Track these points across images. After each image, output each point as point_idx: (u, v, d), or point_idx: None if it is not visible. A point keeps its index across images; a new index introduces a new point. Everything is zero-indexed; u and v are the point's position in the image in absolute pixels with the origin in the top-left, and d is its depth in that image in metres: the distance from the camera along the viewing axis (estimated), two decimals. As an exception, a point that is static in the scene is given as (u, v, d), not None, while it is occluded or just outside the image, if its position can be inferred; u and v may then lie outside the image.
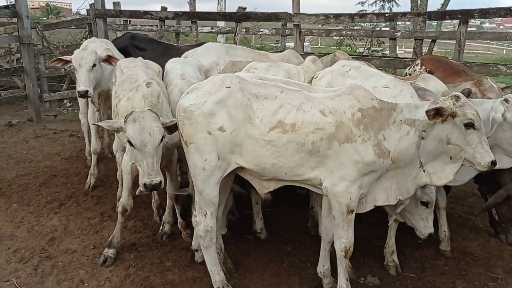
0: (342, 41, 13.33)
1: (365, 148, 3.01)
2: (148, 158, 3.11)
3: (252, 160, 3.21)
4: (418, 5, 14.00)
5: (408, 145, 3.04)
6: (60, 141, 7.75)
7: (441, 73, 4.44)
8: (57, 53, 9.45)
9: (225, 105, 3.14)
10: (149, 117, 3.16)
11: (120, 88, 4.10)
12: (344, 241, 3.24)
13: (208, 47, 5.68)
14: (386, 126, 3.07)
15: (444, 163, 3.07)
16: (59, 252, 4.12)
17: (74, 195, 5.42)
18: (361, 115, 3.06)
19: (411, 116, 3.05)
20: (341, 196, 3.10)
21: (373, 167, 3.05)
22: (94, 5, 8.45)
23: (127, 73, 4.18)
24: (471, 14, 6.40)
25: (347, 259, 3.33)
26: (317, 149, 3.07)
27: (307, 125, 3.07)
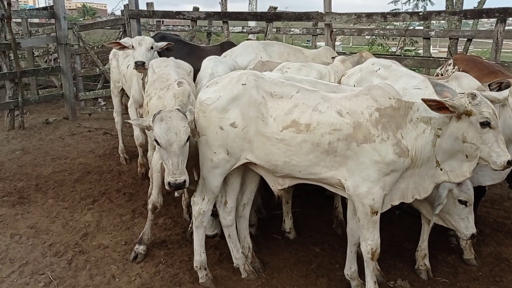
0: (374, 40, 13.13)
1: (384, 148, 2.99)
2: (173, 157, 3.12)
3: (263, 156, 3.24)
4: (453, 3, 13.63)
5: (424, 143, 3.01)
6: (94, 139, 7.95)
7: (476, 73, 4.30)
8: (92, 53, 9.72)
9: (239, 102, 3.20)
10: (176, 117, 3.18)
11: (151, 87, 4.17)
12: (370, 243, 3.21)
13: (245, 46, 5.72)
14: (404, 125, 3.05)
15: (460, 161, 3.01)
16: (92, 247, 4.22)
17: (107, 191, 5.54)
18: (379, 115, 3.04)
19: (427, 114, 3.00)
20: (364, 197, 3.08)
21: (394, 167, 3.02)
22: (128, 6, 8.62)
23: (159, 72, 4.25)
24: (510, 12, 6.20)
25: (374, 261, 3.29)
26: (334, 149, 3.06)
27: (323, 126, 3.07)
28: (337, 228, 4.60)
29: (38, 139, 7.86)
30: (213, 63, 4.80)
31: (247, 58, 5.38)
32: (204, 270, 3.68)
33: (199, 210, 3.56)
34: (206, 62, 4.84)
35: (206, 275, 3.67)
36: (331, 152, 3.08)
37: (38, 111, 10.02)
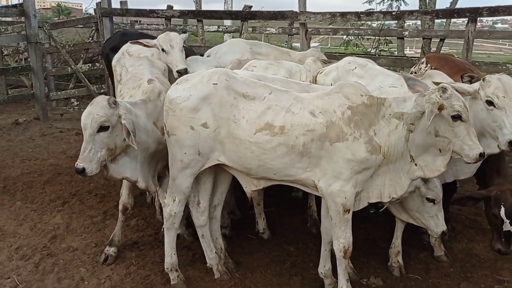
0: (350, 40, 13.23)
1: (357, 146, 2.97)
2: (84, 142, 3.03)
3: (235, 159, 3.19)
4: (426, 3, 13.86)
5: (397, 138, 3.00)
6: (66, 140, 7.78)
7: (448, 71, 4.35)
8: (64, 52, 9.52)
9: (210, 102, 3.13)
10: (100, 104, 3.05)
11: (125, 86, 4.05)
12: (343, 241, 3.20)
13: (232, 44, 5.66)
14: (376, 121, 3.03)
15: (434, 155, 3.00)
16: (60, 250, 4.11)
17: (77, 193, 5.42)
18: (351, 113, 3.02)
19: (399, 109, 3.00)
20: (336, 196, 3.07)
21: (366, 164, 3.01)
22: (101, 4, 8.47)
23: (132, 71, 4.13)
24: (480, 12, 6.29)
25: (347, 259, 3.28)
26: (308, 150, 3.04)
27: (297, 127, 3.03)
28: (312, 227, 4.59)
29: (7, 140, 7.66)
30: (195, 64, 4.72)
31: (233, 57, 5.25)
32: (175, 272, 3.61)
33: (170, 212, 3.48)
34: (188, 63, 4.72)
35: (178, 276, 3.61)
36: (305, 153, 3.05)
37: (7, 112, 9.77)
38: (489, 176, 3.82)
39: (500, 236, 3.55)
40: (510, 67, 6.52)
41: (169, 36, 4.60)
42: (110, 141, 3.11)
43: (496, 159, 3.71)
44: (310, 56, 5.28)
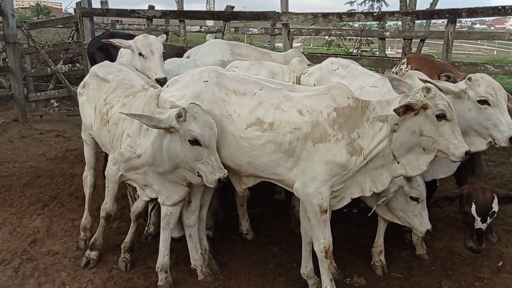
0: (332, 41, 13.32)
1: (337, 147, 2.99)
2: (214, 152, 2.99)
3: (228, 155, 3.20)
4: (407, 4, 14.04)
5: (380, 139, 3.01)
6: (46, 142, 7.66)
7: (427, 72, 4.41)
8: (43, 53, 9.36)
9: (202, 99, 3.14)
10: (202, 111, 3.01)
11: (111, 95, 3.74)
12: (323, 241, 3.20)
13: (212, 45, 5.62)
14: (361, 124, 3.05)
15: (417, 154, 3.01)
16: (40, 254, 4.04)
17: (58, 196, 5.33)
18: (336, 115, 3.05)
19: (384, 112, 3.01)
20: (312, 197, 3.08)
21: (345, 167, 3.03)
22: (81, 3, 8.35)
23: (116, 79, 3.85)
24: (459, 13, 6.40)
25: (328, 259, 3.28)
26: (294, 149, 3.06)
27: (285, 125, 3.05)
28: (295, 227, 4.58)
29: (-15, 142, 7.50)
30: (177, 67, 4.65)
31: (213, 58, 5.22)
32: (164, 273, 3.58)
33: (166, 211, 3.49)
34: (169, 66, 4.62)
35: (166, 278, 3.57)
36: (291, 152, 3.07)
37: (-15, 113, 9.58)
38: (464, 175, 3.89)
39: (472, 234, 3.61)
40: (488, 67, 6.63)
41: (149, 40, 4.31)
42: None
43: (471, 158, 3.77)
44: (291, 56, 5.28)
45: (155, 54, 4.22)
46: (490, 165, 6.56)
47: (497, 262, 4.02)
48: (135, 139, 3.37)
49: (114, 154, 3.55)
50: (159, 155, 3.19)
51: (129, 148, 3.39)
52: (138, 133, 3.36)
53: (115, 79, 3.85)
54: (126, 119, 3.44)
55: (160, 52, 4.27)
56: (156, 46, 4.26)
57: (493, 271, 3.91)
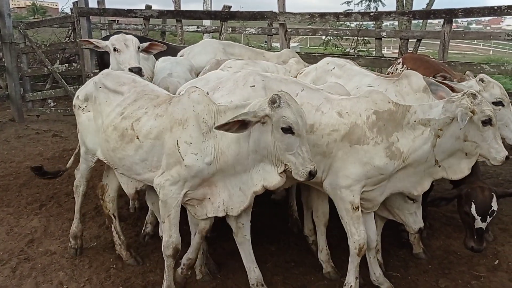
0: (329, 41, 13.34)
1: (376, 150, 3.00)
2: (305, 143, 2.76)
3: None
4: (403, 4, 14.09)
5: (423, 144, 3.03)
6: (42, 141, 7.65)
7: (423, 72, 4.43)
8: (39, 52, 9.35)
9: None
10: (293, 99, 2.81)
11: (130, 107, 3.29)
12: (357, 238, 3.20)
13: (205, 45, 5.63)
14: (400, 128, 3.07)
15: (459, 158, 3.06)
16: (38, 254, 4.04)
17: (55, 195, 5.33)
18: (376, 118, 3.05)
19: (425, 116, 3.03)
20: (344, 194, 3.09)
21: (383, 170, 3.04)
22: (78, 3, 8.34)
23: (134, 90, 3.41)
24: (455, 13, 6.43)
25: (360, 257, 3.28)
26: (330, 150, 3.05)
27: (325, 127, 3.05)
28: (293, 226, 4.62)
29: (-19, 142, 7.49)
30: (170, 64, 4.68)
31: (206, 57, 5.24)
32: (261, 287, 3.42)
33: (238, 224, 3.34)
34: (162, 64, 4.68)
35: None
36: (327, 154, 3.07)
37: (-18, 113, 9.57)
38: None
39: (472, 234, 3.58)
40: (484, 67, 6.66)
41: (124, 36, 4.25)
42: None
43: None
44: (285, 56, 5.28)
45: (129, 48, 4.15)
46: (486, 164, 6.58)
47: (493, 261, 4.05)
48: (197, 145, 2.96)
49: (172, 172, 3.04)
50: (245, 151, 2.90)
51: (195, 157, 2.95)
52: (199, 137, 2.98)
53: (131, 91, 3.40)
54: (174, 127, 3.02)
55: (135, 46, 4.18)
56: (131, 41, 4.20)
57: (490, 269, 3.93)
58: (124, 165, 3.30)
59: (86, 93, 3.60)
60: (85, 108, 3.61)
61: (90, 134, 3.59)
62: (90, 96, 3.55)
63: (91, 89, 3.57)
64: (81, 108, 3.63)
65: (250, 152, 2.89)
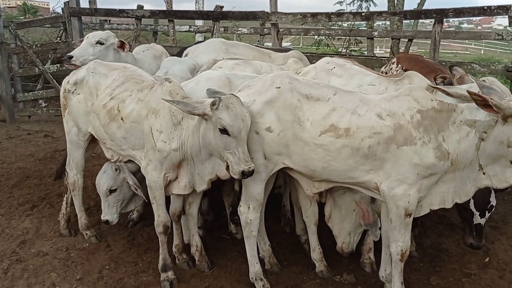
0: (321, 40, 13.37)
1: (425, 151, 2.92)
2: (243, 144, 2.99)
3: (300, 162, 3.16)
4: (395, 4, 14.16)
5: (468, 146, 2.94)
6: (34, 142, 7.61)
7: (418, 71, 4.45)
8: (31, 53, 9.29)
9: (274, 105, 3.11)
10: (238, 102, 3.00)
11: (118, 89, 3.67)
12: (401, 244, 3.15)
13: (208, 44, 5.63)
14: (446, 128, 2.96)
15: (504, 166, 2.95)
16: (30, 255, 4.02)
17: (47, 196, 5.30)
18: (421, 117, 2.96)
19: (472, 117, 2.92)
20: (399, 199, 3.01)
21: (433, 170, 2.96)
22: (69, 3, 8.31)
23: (122, 74, 3.80)
24: (446, 13, 6.49)
25: (403, 262, 3.24)
26: (374, 153, 2.99)
27: (363, 130, 2.99)
28: (285, 226, 4.63)
29: (-28, 143, 7.43)
30: (170, 63, 4.76)
31: (208, 57, 5.21)
32: (260, 281, 3.56)
33: (246, 219, 3.45)
34: (165, 63, 4.81)
35: (264, 285, 3.55)
36: (370, 156, 3.01)
37: (-28, 114, 9.48)
38: None
39: (471, 230, 3.58)
40: (475, 66, 6.73)
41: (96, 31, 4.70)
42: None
43: None
44: (292, 57, 5.24)
45: (84, 40, 4.57)
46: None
47: (483, 258, 4.09)
48: (167, 133, 3.32)
49: (150, 156, 3.44)
50: (197, 144, 3.22)
51: (164, 144, 3.32)
52: (169, 127, 3.33)
53: (120, 74, 3.80)
54: (149, 115, 3.39)
55: (91, 40, 4.55)
56: (93, 34, 4.66)
57: (480, 267, 3.97)
58: (112, 140, 3.72)
59: (77, 78, 3.96)
60: (74, 91, 3.96)
61: (81, 114, 3.94)
62: (82, 80, 3.92)
63: (82, 74, 3.95)
64: (71, 92, 3.98)
65: (202, 146, 3.21)
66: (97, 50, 4.54)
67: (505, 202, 5.32)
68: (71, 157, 4.20)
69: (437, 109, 2.99)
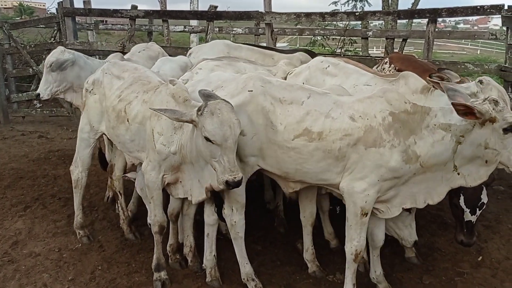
0: (316, 40, 13.37)
1: (391, 154, 2.91)
2: (229, 153, 2.86)
3: (274, 164, 3.17)
4: (389, 4, 14.19)
5: (443, 150, 2.92)
6: (28, 143, 7.58)
7: (412, 71, 4.43)
8: (24, 53, 9.26)
9: (246, 109, 3.09)
10: (226, 109, 2.88)
11: (126, 91, 3.66)
12: (356, 244, 3.16)
13: (212, 46, 5.63)
14: (419, 131, 2.95)
15: (478, 165, 2.95)
16: (22, 256, 4.01)
17: (40, 197, 5.28)
18: (392, 120, 2.95)
19: (446, 120, 2.91)
20: (357, 198, 3.02)
21: (398, 173, 2.96)
22: (63, 3, 8.28)
23: (131, 76, 3.79)
24: (439, 13, 6.51)
25: (357, 263, 3.24)
26: (344, 154, 3.00)
27: (335, 132, 2.98)
28: (279, 226, 4.63)
29: (-35, 144, 7.39)
30: (161, 63, 4.79)
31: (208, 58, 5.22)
32: (252, 281, 3.57)
33: (231, 222, 3.45)
34: (157, 62, 4.86)
35: (256, 285, 3.55)
36: (341, 157, 3.01)
37: (-34, 115, 9.42)
38: None
39: (462, 227, 3.57)
40: (468, 66, 6.74)
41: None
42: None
43: None
44: (296, 59, 5.13)
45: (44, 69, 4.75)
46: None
47: (476, 257, 4.10)
48: (167, 136, 3.25)
49: (150, 157, 3.39)
50: (195, 149, 3.10)
51: (163, 146, 3.25)
52: (169, 129, 3.25)
53: (130, 76, 3.79)
54: (152, 117, 3.33)
55: (45, 70, 4.70)
56: (46, 60, 4.76)
57: (473, 266, 3.98)
58: (120, 142, 3.73)
59: (94, 79, 4.02)
60: (91, 91, 4.01)
61: (96, 114, 4.00)
62: (97, 81, 3.97)
63: (98, 75, 4.01)
64: (88, 91, 4.04)
65: (196, 153, 3.10)
66: (55, 74, 4.65)
67: (498, 201, 5.33)
68: (79, 155, 4.27)
69: (410, 111, 2.99)
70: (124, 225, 4.36)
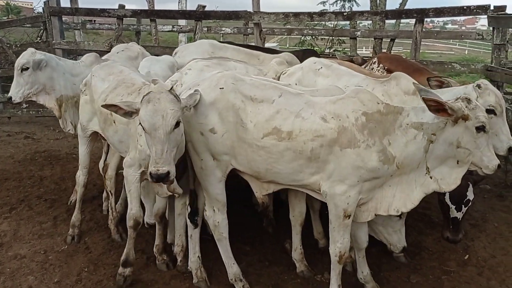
0: (305, 40, 13.39)
1: (368, 154, 2.90)
2: (157, 144, 2.76)
3: (245, 163, 3.16)
4: (377, 4, 14.26)
5: (415, 149, 2.92)
6: (14, 144, 7.50)
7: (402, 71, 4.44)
8: (10, 53, 9.15)
9: (217, 106, 3.08)
10: (165, 98, 2.82)
11: (112, 94, 3.68)
12: (339, 246, 3.15)
13: (198, 45, 5.61)
14: (392, 131, 2.95)
15: (450, 167, 2.94)
16: (7, 258, 3.96)
17: (26, 199, 5.23)
18: (366, 120, 2.94)
19: (418, 119, 2.91)
20: (338, 200, 3.01)
21: (376, 174, 2.95)
22: (49, 2, 8.20)
23: (116, 79, 3.84)
24: (426, 13, 6.57)
25: (341, 264, 3.23)
26: (317, 155, 2.97)
27: (306, 133, 2.96)
28: (268, 226, 4.60)
29: (-51, 145, 7.28)
30: (149, 62, 4.75)
31: (195, 58, 5.17)
32: (240, 282, 3.56)
33: (214, 222, 3.45)
34: (144, 62, 4.79)
35: (243, 286, 3.55)
36: (313, 158, 2.99)
37: (-50, 115, 9.29)
38: None
39: (448, 224, 3.59)
40: (455, 66, 6.80)
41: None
42: (179, 138, 2.98)
43: None
44: (282, 60, 5.05)
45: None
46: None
47: (463, 256, 4.13)
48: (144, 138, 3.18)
49: (131, 154, 3.43)
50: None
51: (140, 147, 3.27)
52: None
53: (114, 79, 3.82)
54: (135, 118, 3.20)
55: (16, 72, 4.56)
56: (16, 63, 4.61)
57: (459, 264, 4.01)
58: (111, 143, 3.87)
59: (86, 80, 4.16)
60: (83, 92, 4.17)
61: (85, 113, 4.17)
62: (88, 83, 4.09)
63: (89, 76, 4.13)
64: (82, 91, 4.22)
65: None
66: (26, 76, 4.54)
67: (485, 200, 5.38)
68: (79, 153, 4.45)
69: (383, 112, 2.99)
70: (112, 225, 4.36)
